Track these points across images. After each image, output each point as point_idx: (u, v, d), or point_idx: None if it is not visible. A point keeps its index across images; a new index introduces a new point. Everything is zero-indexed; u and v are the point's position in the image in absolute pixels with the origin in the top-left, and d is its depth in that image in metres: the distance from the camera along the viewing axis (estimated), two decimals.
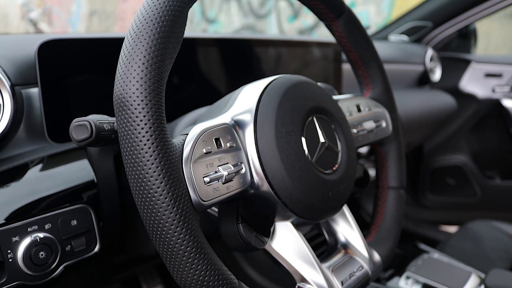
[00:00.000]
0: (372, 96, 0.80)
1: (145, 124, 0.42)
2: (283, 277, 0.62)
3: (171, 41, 0.46)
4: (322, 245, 0.98)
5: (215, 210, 0.61)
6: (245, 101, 0.57)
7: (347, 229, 0.70)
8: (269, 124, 0.55)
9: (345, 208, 0.70)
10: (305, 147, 0.57)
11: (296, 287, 0.59)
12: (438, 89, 1.91)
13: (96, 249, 0.68)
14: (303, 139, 0.58)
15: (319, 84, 0.67)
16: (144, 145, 0.42)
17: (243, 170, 0.53)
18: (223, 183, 0.50)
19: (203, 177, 0.48)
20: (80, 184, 0.68)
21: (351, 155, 0.66)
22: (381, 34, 1.98)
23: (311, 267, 0.59)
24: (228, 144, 0.52)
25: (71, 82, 0.73)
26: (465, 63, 1.96)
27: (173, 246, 0.43)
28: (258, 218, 0.57)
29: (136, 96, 0.42)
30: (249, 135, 0.54)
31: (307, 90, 0.62)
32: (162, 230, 0.43)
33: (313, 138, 0.59)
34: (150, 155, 0.42)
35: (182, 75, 0.89)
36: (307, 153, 0.58)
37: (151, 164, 0.42)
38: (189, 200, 0.45)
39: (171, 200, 0.43)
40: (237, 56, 1.00)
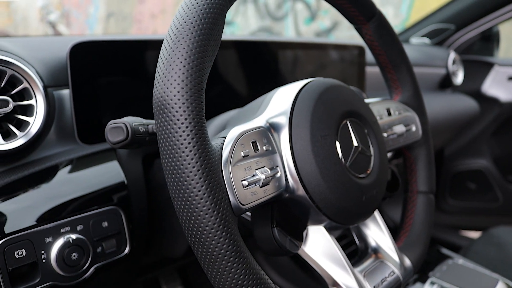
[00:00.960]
0: (402, 100, 0.79)
1: (186, 127, 0.42)
2: (306, 281, 0.62)
3: (211, 43, 0.45)
4: (348, 248, 0.97)
5: (248, 214, 0.61)
6: (280, 104, 0.57)
7: (378, 234, 0.69)
8: (304, 128, 0.54)
9: (376, 212, 0.69)
10: (339, 151, 0.57)
11: None
12: (460, 93, 1.89)
13: (126, 251, 0.68)
14: (337, 143, 0.57)
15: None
16: (186, 148, 0.42)
17: (279, 174, 0.52)
18: (261, 187, 0.49)
19: (242, 181, 0.47)
20: (111, 186, 0.68)
21: (383, 159, 0.65)
22: (402, 37, 1.96)
23: (344, 272, 0.59)
24: (264, 148, 0.52)
25: (102, 84, 0.73)
26: (488, 66, 1.93)
27: (213, 250, 0.43)
28: (292, 222, 0.56)
29: (178, 99, 0.42)
30: (284, 138, 0.54)
31: (341, 94, 0.61)
32: (202, 234, 0.43)
33: (347, 142, 0.59)
34: (192, 158, 0.42)
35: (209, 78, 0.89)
36: (341, 157, 0.57)
37: (192, 167, 0.42)
38: (229, 204, 0.45)
39: (212, 204, 0.42)
40: (260, 59, 1.00)
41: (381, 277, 0.63)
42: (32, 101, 0.64)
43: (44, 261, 0.60)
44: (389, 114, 0.75)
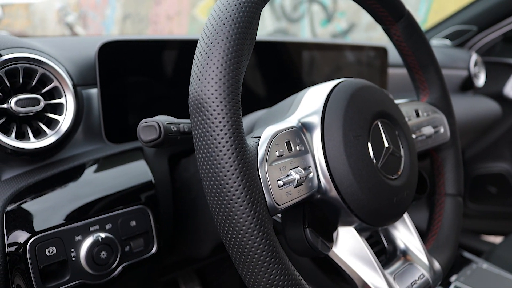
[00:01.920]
0: (430, 101, 0.79)
1: (224, 126, 0.42)
2: (328, 284, 0.61)
3: (247, 42, 0.45)
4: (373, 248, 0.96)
5: (278, 215, 0.60)
6: (311, 103, 0.57)
7: (407, 236, 0.68)
8: (337, 128, 0.54)
9: (405, 214, 0.68)
10: (371, 152, 0.56)
11: None
12: (482, 95, 1.86)
13: (154, 250, 0.68)
14: (369, 144, 0.56)
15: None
16: (223, 147, 0.42)
17: (311, 174, 0.52)
18: (295, 187, 0.49)
19: (277, 181, 0.47)
20: (139, 185, 0.68)
21: (413, 161, 0.64)
22: None
23: (375, 273, 0.58)
24: (298, 148, 0.51)
25: (129, 83, 0.74)
26: (510, 68, 1.90)
27: (249, 250, 0.43)
28: (323, 223, 0.56)
29: (215, 98, 0.42)
30: (317, 138, 0.53)
31: (372, 94, 0.61)
32: (238, 234, 0.42)
33: (378, 143, 0.58)
34: (229, 157, 0.42)
35: None
36: (373, 158, 0.56)
37: (230, 166, 0.42)
38: (265, 204, 0.45)
39: (249, 203, 0.42)
40: (284, 60, 0.99)
41: (411, 280, 0.62)
42: (62, 100, 0.65)
43: (74, 259, 0.60)
44: (418, 116, 0.74)
